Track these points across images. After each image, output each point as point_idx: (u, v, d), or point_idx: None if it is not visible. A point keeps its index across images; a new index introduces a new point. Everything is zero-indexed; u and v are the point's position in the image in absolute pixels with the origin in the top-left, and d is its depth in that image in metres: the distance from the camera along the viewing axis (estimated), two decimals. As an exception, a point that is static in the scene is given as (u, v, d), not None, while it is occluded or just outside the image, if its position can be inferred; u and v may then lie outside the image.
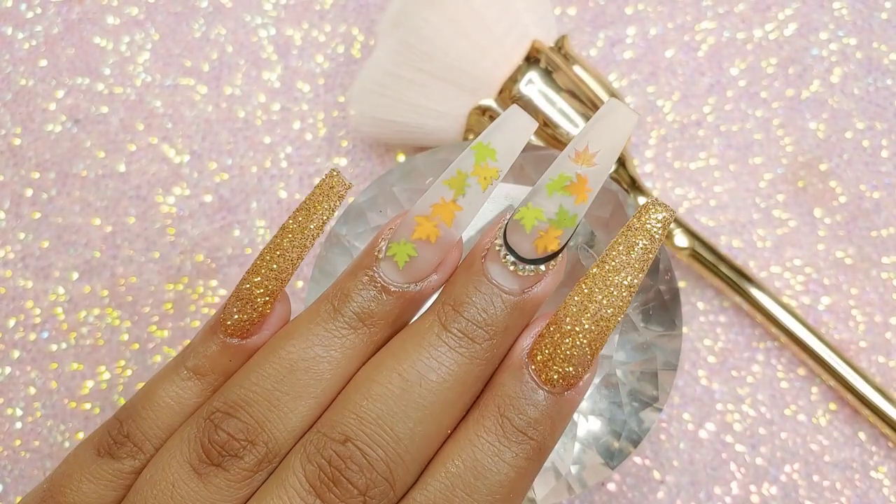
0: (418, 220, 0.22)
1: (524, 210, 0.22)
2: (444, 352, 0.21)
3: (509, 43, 0.33)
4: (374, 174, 0.37)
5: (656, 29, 0.39)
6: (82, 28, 0.39)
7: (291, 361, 0.22)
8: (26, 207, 0.37)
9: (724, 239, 0.37)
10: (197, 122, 0.38)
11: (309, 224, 0.22)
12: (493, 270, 0.22)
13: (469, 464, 0.21)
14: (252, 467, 0.21)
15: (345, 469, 0.20)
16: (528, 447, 0.21)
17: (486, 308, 0.22)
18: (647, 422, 0.29)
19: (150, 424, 0.23)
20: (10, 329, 0.36)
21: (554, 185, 0.21)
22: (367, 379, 0.22)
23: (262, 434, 0.21)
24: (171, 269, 0.36)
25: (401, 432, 0.21)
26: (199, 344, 0.23)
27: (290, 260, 0.22)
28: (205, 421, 0.22)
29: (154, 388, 0.23)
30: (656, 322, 0.29)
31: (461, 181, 0.22)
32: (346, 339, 0.22)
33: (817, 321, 0.36)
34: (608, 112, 0.22)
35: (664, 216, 0.21)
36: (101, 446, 0.23)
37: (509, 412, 0.21)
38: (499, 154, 0.22)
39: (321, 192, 0.23)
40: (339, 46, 0.39)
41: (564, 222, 0.21)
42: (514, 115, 0.22)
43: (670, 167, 0.37)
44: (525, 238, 0.22)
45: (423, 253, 0.22)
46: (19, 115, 0.38)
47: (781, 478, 0.35)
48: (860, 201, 0.37)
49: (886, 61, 0.39)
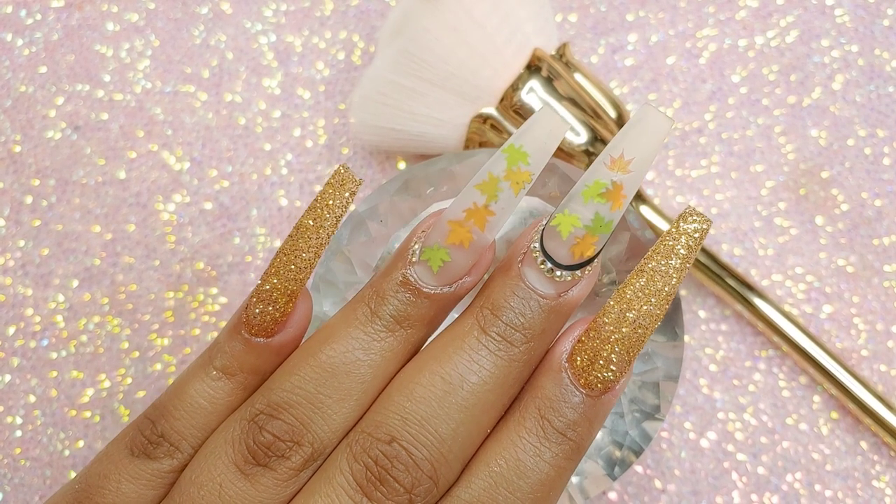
0: (451, 224, 0.22)
1: (560, 217, 0.22)
2: (483, 355, 0.22)
3: (510, 51, 0.33)
4: (374, 182, 0.37)
5: (657, 36, 0.39)
6: (82, 34, 0.39)
7: (332, 365, 0.22)
8: (26, 215, 0.37)
9: (726, 247, 0.37)
10: (197, 128, 0.38)
11: (324, 222, 0.22)
12: (530, 275, 0.22)
13: (511, 463, 0.22)
14: (298, 466, 0.22)
15: (391, 468, 0.21)
16: (567, 447, 0.22)
17: (523, 312, 0.22)
18: (648, 431, 0.28)
19: (184, 424, 0.23)
20: (10, 337, 0.36)
21: (590, 192, 0.22)
22: (410, 381, 0.22)
23: (308, 434, 0.22)
24: (172, 277, 0.36)
25: (444, 432, 0.21)
26: (224, 343, 0.23)
27: (307, 259, 0.22)
28: (248, 423, 0.22)
29: (184, 387, 0.23)
30: (658, 331, 0.29)
31: (493, 186, 0.22)
32: (384, 341, 0.22)
33: (819, 329, 0.36)
34: (642, 118, 0.22)
35: (702, 226, 0.22)
36: (134, 446, 0.23)
37: (549, 414, 0.22)
38: (531, 157, 0.22)
39: (332, 188, 0.23)
40: (339, 53, 0.39)
41: (600, 229, 0.22)
42: (546, 116, 0.22)
43: (672, 175, 0.37)
44: (561, 244, 0.22)
45: (456, 257, 0.22)
46: (19, 122, 0.38)
47: (783, 487, 0.35)
48: (862, 209, 0.37)
49: (888, 68, 0.38)
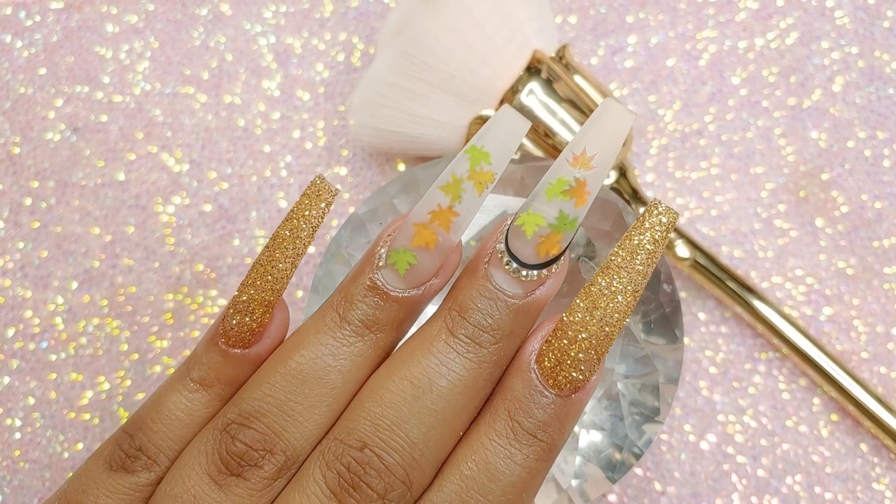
0: (416, 227, 0.22)
1: (524, 216, 0.22)
2: (452, 357, 0.22)
3: (510, 53, 0.33)
4: (374, 183, 0.37)
5: (657, 37, 0.39)
6: (81, 36, 0.39)
7: (302, 372, 0.22)
8: (25, 216, 0.37)
9: (726, 249, 0.37)
10: (196, 130, 0.38)
11: (300, 233, 0.22)
12: (497, 276, 0.22)
13: (482, 466, 0.21)
14: (271, 475, 0.22)
15: (364, 474, 0.21)
16: (539, 448, 0.22)
17: (491, 313, 0.22)
18: (648, 434, 0.28)
19: (161, 437, 0.23)
20: (9, 339, 0.36)
21: (553, 190, 0.21)
22: (380, 386, 0.22)
23: (280, 442, 0.22)
24: (171, 279, 0.36)
25: (415, 437, 0.21)
26: (201, 355, 0.23)
27: (283, 270, 0.22)
28: (220, 433, 0.22)
29: (161, 399, 0.23)
30: (658, 334, 0.29)
31: (457, 186, 0.22)
32: (353, 346, 0.22)
33: (819, 332, 0.36)
34: (603, 113, 0.22)
35: (667, 219, 0.22)
36: (113, 460, 0.23)
37: (519, 415, 0.22)
38: (493, 157, 0.22)
39: (308, 199, 0.23)
40: (339, 55, 0.39)
41: (565, 226, 0.22)
42: (505, 115, 0.22)
43: (671, 177, 0.37)
44: (527, 244, 0.22)
45: (422, 259, 0.22)
46: (18, 124, 0.38)
47: (783, 489, 0.35)
48: (862, 211, 0.37)
49: (888, 70, 0.38)
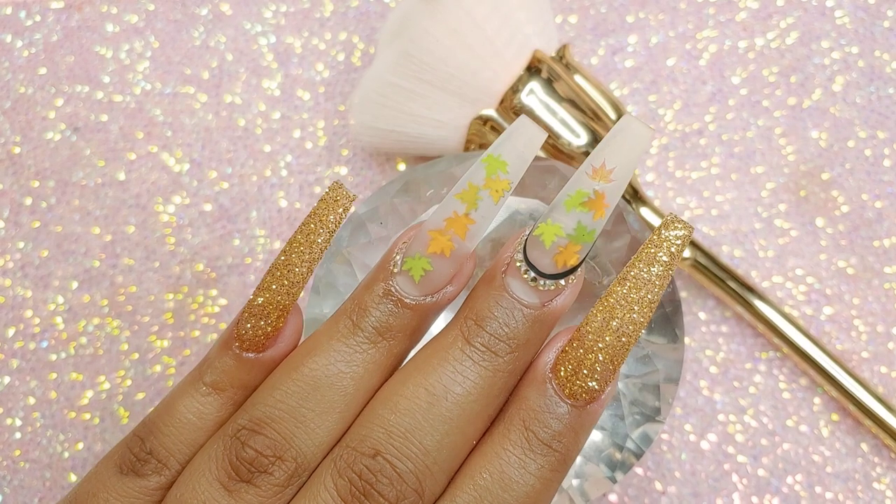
0: (432, 234, 0.22)
1: (543, 226, 0.22)
2: (468, 366, 0.22)
3: (510, 53, 0.33)
4: (374, 183, 0.37)
5: (658, 37, 0.39)
6: (82, 36, 0.39)
7: (315, 378, 0.22)
8: (25, 216, 0.37)
9: (726, 249, 0.37)
10: (197, 130, 0.38)
11: (316, 238, 0.23)
12: (514, 285, 0.22)
13: (496, 476, 0.21)
14: (282, 482, 0.22)
15: (376, 482, 0.21)
16: (553, 459, 0.22)
17: (507, 322, 0.22)
18: (649, 434, 0.28)
19: (172, 440, 0.23)
20: (10, 338, 0.36)
21: (572, 202, 0.22)
22: (394, 393, 0.22)
23: (290, 449, 0.22)
24: (171, 279, 0.36)
25: (429, 445, 0.21)
26: (214, 359, 0.23)
27: (299, 274, 0.23)
28: (231, 438, 0.22)
29: (173, 403, 0.23)
30: (658, 334, 0.29)
31: (473, 194, 0.22)
32: (367, 353, 0.22)
33: (819, 331, 0.36)
34: (623, 128, 0.22)
35: (683, 233, 0.22)
36: (123, 464, 0.23)
37: (534, 425, 0.22)
38: (509, 166, 0.22)
39: (326, 204, 0.23)
40: (339, 54, 0.39)
41: (583, 237, 0.22)
42: (524, 125, 0.22)
43: (672, 176, 0.37)
44: (545, 254, 0.22)
45: (438, 266, 0.22)
46: (18, 124, 0.38)
47: (783, 489, 0.34)
48: (862, 211, 0.37)
49: (889, 70, 0.38)
